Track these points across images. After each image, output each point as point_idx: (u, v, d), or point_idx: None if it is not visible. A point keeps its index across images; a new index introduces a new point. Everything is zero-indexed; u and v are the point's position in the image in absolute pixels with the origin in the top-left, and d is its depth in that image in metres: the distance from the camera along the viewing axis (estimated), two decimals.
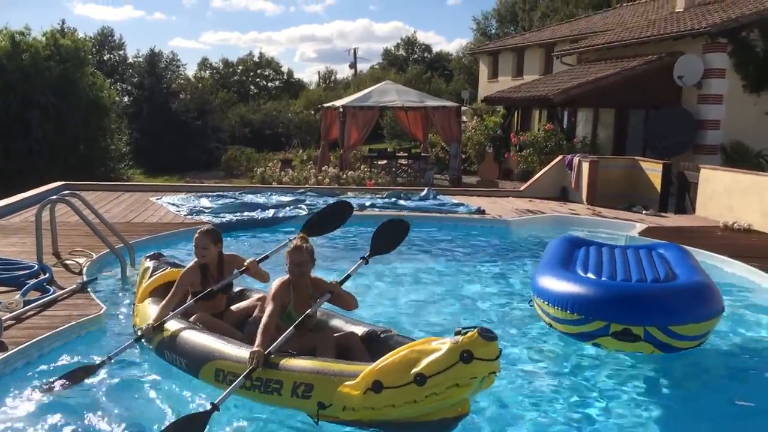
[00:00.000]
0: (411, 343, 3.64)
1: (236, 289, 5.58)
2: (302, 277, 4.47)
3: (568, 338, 5.79)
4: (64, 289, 6.10)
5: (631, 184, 13.17)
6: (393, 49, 62.08)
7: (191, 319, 4.87)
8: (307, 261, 4.46)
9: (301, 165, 19.96)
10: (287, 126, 39.62)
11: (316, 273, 4.72)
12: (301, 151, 26.06)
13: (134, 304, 5.52)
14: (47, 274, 6.40)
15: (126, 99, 35.89)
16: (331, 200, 11.85)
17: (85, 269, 6.85)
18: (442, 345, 3.38)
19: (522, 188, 13.84)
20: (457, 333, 3.36)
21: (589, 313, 5.64)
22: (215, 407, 3.81)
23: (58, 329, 5.07)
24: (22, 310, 5.32)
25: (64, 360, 4.85)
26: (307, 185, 15.12)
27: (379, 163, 19.11)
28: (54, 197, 7.49)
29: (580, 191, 12.98)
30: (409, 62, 57.53)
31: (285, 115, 41.79)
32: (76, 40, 26.85)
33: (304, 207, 10.93)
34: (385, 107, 19.55)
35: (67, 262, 7.14)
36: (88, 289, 6.19)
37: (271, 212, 10.46)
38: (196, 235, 5.10)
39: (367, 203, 11.54)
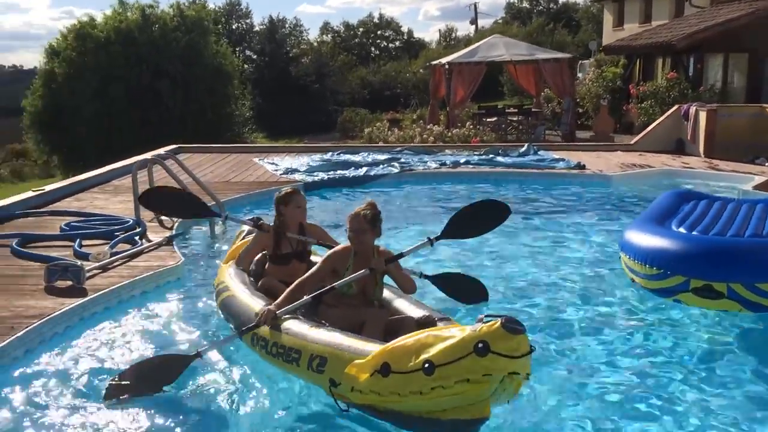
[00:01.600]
0: (433, 328, 3.31)
1: None
2: (362, 246, 4.08)
3: (653, 296, 5.46)
4: (151, 242, 6.52)
5: (758, 133, 11.99)
6: (516, 1, 59.88)
7: (259, 284, 4.66)
8: (365, 229, 4.03)
9: (411, 124, 19.92)
10: (405, 86, 39.60)
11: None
12: (418, 110, 25.98)
13: (220, 263, 5.49)
14: (140, 229, 6.86)
15: (249, 66, 37.25)
16: (426, 158, 11.79)
17: (175, 225, 7.29)
18: (460, 332, 2.97)
19: (633, 142, 13.03)
20: (479, 320, 2.94)
21: (668, 268, 5.36)
22: (199, 354, 3.89)
23: (137, 278, 5.45)
24: (108, 260, 5.75)
25: (142, 306, 5.21)
26: (412, 143, 15.11)
27: (488, 120, 18.67)
28: (148, 158, 7.97)
29: (696, 143, 12.02)
30: (533, 15, 55.32)
31: (404, 75, 41.76)
32: (200, 10, 28.13)
33: (396, 165, 10.94)
34: (492, 62, 18.96)
35: (162, 218, 7.62)
36: (174, 243, 6.58)
37: (363, 170, 10.56)
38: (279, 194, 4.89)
39: (462, 160, 11.34)
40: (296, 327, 3.76)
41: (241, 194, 9.00)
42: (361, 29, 58.76)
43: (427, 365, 2.91)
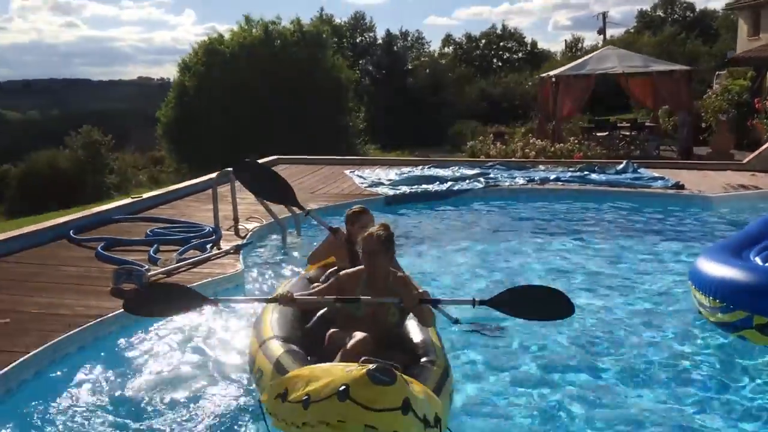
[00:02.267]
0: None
1: None
2: (375, 268, 3.94)
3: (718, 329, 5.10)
4: (220, 250, 6.88)
5: None
6: (650, 10, 57.20)
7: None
8: (378, 251, 3.88)
9: (519, 138, 19.56)
10: (524, 98, 38.95)
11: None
12: (529, 124, 25.49)
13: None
14: (213, 237, 7.27)
15: (366, 79, 38.15)
16: (517, 173, 11.57)
17: (249, 234, 7.64)
18: (340, 371, 2.79)
19: (745, 161, 12.07)
20: (361, 362, 2.78)
21: (732, 301, 4.96)
22: (217, 302, 4.22)
23: (195, 284, 5.76)
24: (172, 266, 6.14)
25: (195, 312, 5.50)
26: (513, 158, 14.88)
27: (599, 134, 17.97)
28: (228, 169, 8.38)
29: None
30: (667, 23, 52.59)
31: (523, 87, 41.11)
32: (318, 25, 29.21)
33: (482, 180, 10.81)
34: (604, 74, 18.24)
35: (240, 226, 8.01)
36: (241, 252, 6.90)
37: (446, 185, 10.53)
38: (349, 211, 4.98)
39: (552, 177, 11.02)
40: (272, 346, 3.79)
41: (322, 205, 9.25)
42: (483, 41, 58.52)
43: (305, 398, 2.76)
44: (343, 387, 2.62)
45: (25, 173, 31.11)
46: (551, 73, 19.50)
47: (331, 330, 3.90)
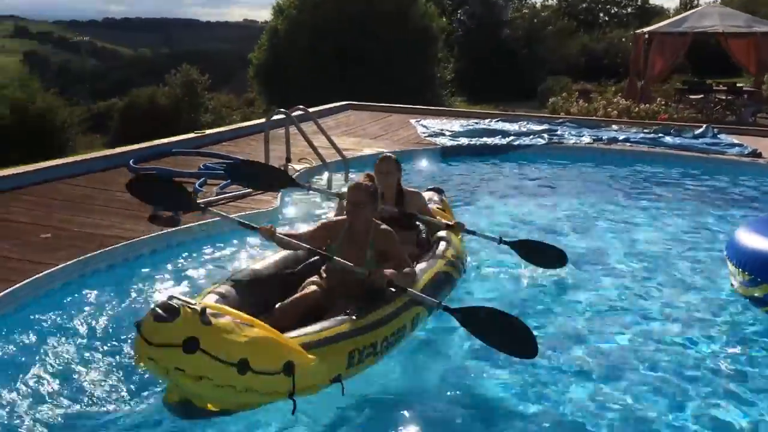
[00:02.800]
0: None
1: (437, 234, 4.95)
2: (359, 219, 3.94)
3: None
4: None
5: None
6: None
7: None
8: (364, 202, 3.90)
9: (611, 97, 18.70)
10: (626, 55, 37.02)
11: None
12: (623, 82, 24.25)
13: None
14: None
15: (459, 29, 37.25)
16: (586, 132, 11.17)
17: (295, 174, 7.84)
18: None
19: None
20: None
21: (759, 274, 4.71)
22: (201, 209, 4.36)
23: (246, 213, 6.04)
24: (210, 199, 6.43)
25: (227, 242, 5.76)
26: (592, 117, 14.35)
27: (692, 97, 16.94)
28: (280, 112, 8.56)
29: None
30: None
31: (626, 44, 39.04)
32: None
33: (545, 137, 10.52)
34: (702, 33, 17.04)
35: (290, 166, 8.23)
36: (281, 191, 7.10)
37: (506, 139, 10.32)
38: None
39: (621, 137, 10.57)
40: None
41: (376, 152, 9.30)
42: None
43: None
44: (136, 322, 2.74)
45: (126, 107, 32.82)
46: (645, 29, 18.43)
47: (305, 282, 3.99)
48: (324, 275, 4.03)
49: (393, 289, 3.76)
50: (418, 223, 5.00)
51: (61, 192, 6.66)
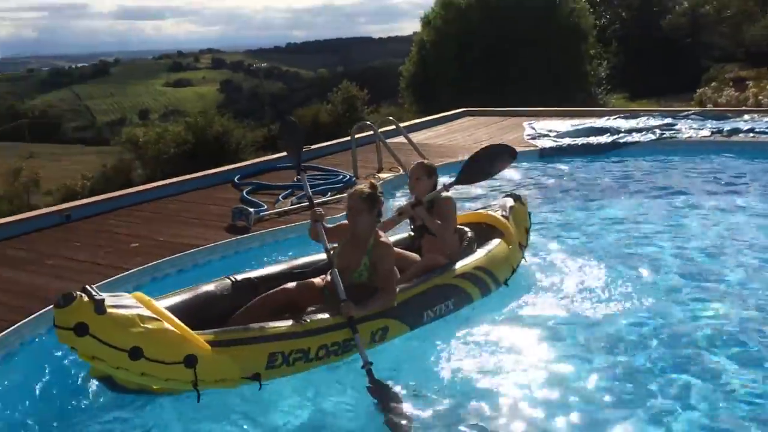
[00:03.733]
0: None
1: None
2: (356, 227, 4.11)
3: None
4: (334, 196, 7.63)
5: None
6: None
7: None
8: (360, 209, 4.04)
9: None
10: None
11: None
12: None
13: None
14: (340, 185, 8.06)
15: (615, 23, 35.49)
16: (713, 123, 10.44)
17: (379, 183, 8.26)
18: None
19: None
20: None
21: None
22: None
23: (293, 224, 6.60)
24: (281, 209, 7.04)
25: (290, 249, 6.30)
26: (743, 107, 13.28)
27: None
28: (365, 125, 9.02)
29: None
30: None
31: None
32: None
33: (656, 132, 9.97)
34: None
35: (378, 175, 8.68)
36: None
37: (609, 138, 9.95)
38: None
39: (746, 127, 9.72)
40: None
41: (462, 159, 9.45)
42: None
43: None
44: (52, 306, 3.25)
45: None
46: None
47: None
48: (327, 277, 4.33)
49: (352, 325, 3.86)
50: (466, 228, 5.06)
51: (167, 207, 7.64)
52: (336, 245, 4.36)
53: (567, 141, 10.08)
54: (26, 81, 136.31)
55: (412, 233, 5.10)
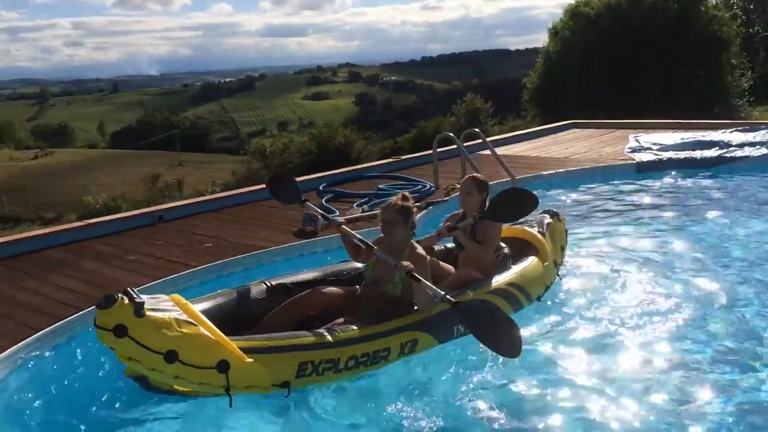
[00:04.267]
0: None
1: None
2: (391, 238, 4.21)
3: None
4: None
5: None
6: None
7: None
8: (395, 221, 4.13)
9: None
10: None
11: None
12: None
13: None
14: (419, 194, 8.11)
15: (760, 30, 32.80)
16: None
17: (451, 196, 8.24)
18: None
19: None
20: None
21: None
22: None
23: (358, 231, 6.72)
24: (350, 216, 7.20)
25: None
26: None
27: None
28: (447, 137, 9.00)
29: None
30: None
31: None
32: None
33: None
34: None
35: (456, 185, 8.64)
36: (428, 209, 7.58)
37: (716, 152, 9.26)
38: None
39: None
40: None
41: (550, 172, 9.23)
42: None
43: None
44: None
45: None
46: None
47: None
48: (359, 287, 4.43)
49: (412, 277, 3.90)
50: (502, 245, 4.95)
51: (247, 211, 8.03)
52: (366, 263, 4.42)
53: (669, 155, 9.50)
54: (181, 95, 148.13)
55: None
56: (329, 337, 3.79)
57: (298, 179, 9.27)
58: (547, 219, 5.42)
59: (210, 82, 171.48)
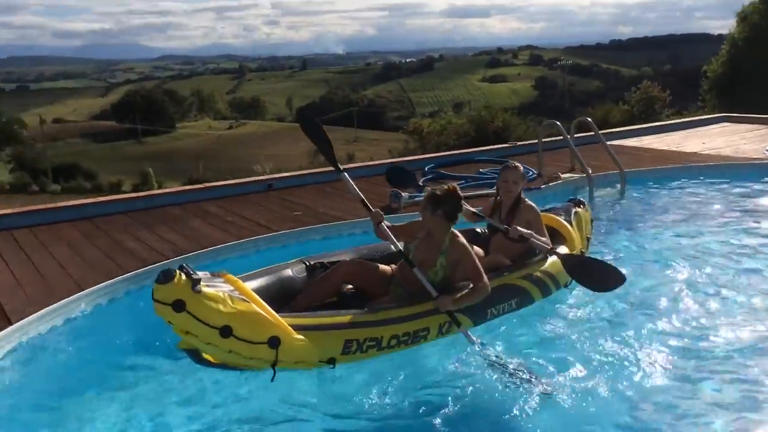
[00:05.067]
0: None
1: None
2: (423, 222, 4.28)
3: None
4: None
5: None
6: None
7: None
8: (424, 206, 4.21)
9: None
10: None
11: None
12: None
13: None
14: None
15: None
16: None
17: (552, 183, 8.15)
18: None
19: None
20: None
21: None
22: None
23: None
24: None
25: None
26: None
27: None
28: (551, 124, 8.79)
29: None
30: None
31: None
32: None
33: None
34: None
35: (559, 173, 8.51)
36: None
37: None
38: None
39: None
40: None
41: (659, 167, 8.77)
42: None
43: None
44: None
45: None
46: None
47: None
48: (394, 266, 4.54)
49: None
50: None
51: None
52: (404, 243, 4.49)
53: None
54: (363, 74, 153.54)
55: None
56: (373, 317, 3.92)
57: (411, 158, 9.69)
58: (574, 208, 5.45)
59: (391, 62, 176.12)
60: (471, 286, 4.17)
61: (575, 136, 9.22)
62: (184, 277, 3.38)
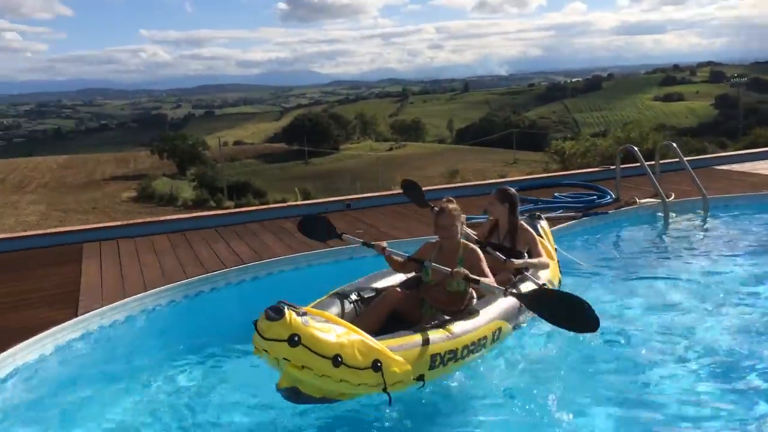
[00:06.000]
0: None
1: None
2: (449, 240, 4.55)
3: None
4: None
5: None
6: None
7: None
8: (451, 224, 4.49)
9: None
10: None
11: None
12: None
13: None
14: (587, 203, 8.01)
15: None
16: None
17: (627, 207, 7.93)
18: None
19: None
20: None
21: None
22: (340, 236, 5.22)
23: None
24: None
25: None
26: None
27: None
28: (629, 145, 8.44)
29: None
30: None
31: None
32: None
33: None
34: None
35: (636, 198, 8.26)
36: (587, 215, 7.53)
37: None
38: None
39: None
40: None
41: (743, 194, 8.19)
42: None
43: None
44: (254, 321, 3.36)
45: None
46: None
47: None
48: (424, 288, 4.77)
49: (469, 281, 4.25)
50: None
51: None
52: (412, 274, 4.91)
53: None
54: (526, 95, 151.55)
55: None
56: (446, 331, 4.06)
57: (489, 181, 9.78)
58: (538, 222, 5.79)
59: (556, 82, 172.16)
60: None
61: (662, 162, 8.86)
62: (293, 311, 3.37)
